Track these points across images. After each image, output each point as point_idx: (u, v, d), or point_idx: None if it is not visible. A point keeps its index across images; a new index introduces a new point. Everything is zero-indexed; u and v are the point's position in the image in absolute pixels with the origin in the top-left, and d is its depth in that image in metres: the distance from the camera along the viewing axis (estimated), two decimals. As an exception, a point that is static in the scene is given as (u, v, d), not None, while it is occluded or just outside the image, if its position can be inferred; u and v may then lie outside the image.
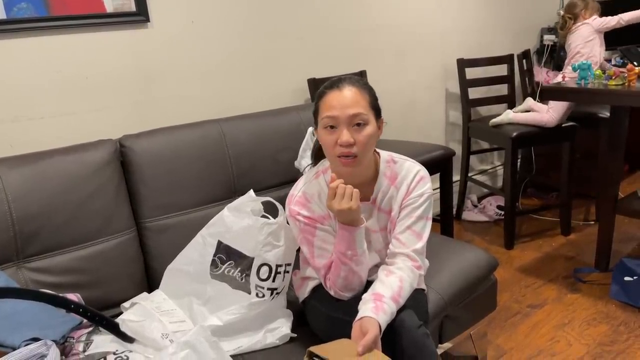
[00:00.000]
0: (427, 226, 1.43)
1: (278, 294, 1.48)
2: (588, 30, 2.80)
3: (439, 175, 2.46)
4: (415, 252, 1.39)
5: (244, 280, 1.45)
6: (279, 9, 2.36)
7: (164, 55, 2.05)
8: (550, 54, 3.58)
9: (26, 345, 1.21)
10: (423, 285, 1.52)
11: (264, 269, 1.45)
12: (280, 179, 1.94)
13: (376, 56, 2.79)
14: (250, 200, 1.55)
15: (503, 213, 3.06)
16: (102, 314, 1.42)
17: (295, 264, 1.54)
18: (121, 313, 1.52)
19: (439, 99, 3.22)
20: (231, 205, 1.53)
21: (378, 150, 1.47)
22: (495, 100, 3.23)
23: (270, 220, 1.48)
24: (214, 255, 1.49)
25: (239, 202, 1.54)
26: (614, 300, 2.32)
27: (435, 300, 1.57)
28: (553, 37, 3.53)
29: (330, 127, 1.32)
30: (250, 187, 1.65)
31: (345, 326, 1.26)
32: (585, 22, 2.80)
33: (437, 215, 2.37)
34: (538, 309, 2.32)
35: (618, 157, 2.42)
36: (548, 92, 2.49)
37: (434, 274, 1.62)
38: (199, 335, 1.25)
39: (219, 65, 2.21)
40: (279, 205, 1.54)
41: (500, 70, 3.19)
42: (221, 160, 1.82)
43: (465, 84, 3.09)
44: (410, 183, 1.43)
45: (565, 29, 2.88)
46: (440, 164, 2.41)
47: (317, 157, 1.53)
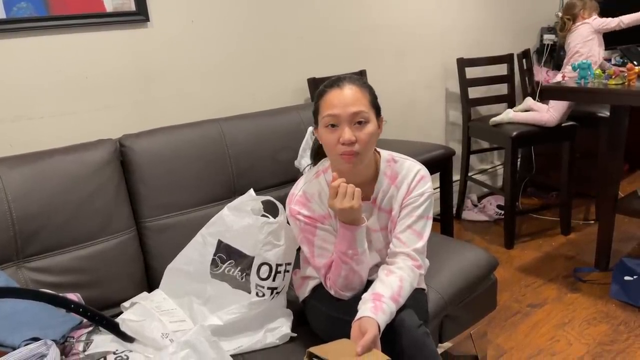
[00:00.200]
0: (428, 225, 1.43)
1: (278, 293, 1.48)
2: (587, 30, 2.79)
3: (439, 174, 2.47)
4: (416, 252, 1.39)
5: (244, 279, 1.45)
6: (278, 9, 2.36)
7: (163, 54, 2.04)
8: (550, 53, 3.58)
9: (26, 345, 1.21)
10: (423, 285, 1.52)
11: (264, 268, 1.44)
12: (280, 178, 1.94)
13: (376, 56, 2.79)
14: (250, 199, 1.54)
15: (503, 212, 3.06)
16: (102, 314, 1.41)
17: (296, 264, 1.54)
18: (121, 313, 1.52)
19: (439, 99, 3.22)
20: (231, 205, 1.53)
21: (378, 149, 1.47)
22: (495, 99, 3.23)
23: (270, 220, 1.48)
24: (214, 255, 1.49)
25: (239, 202, 1.54)
26: (614, 299, 2.32)
27: (435, 299, 1.57)
28: (553, 37, 3.53)
29: (331, 126, 1.32)
30: (250, 187, 1.65)
31: (345, 326, 1.26)
32: (585, 22, 2.80)
33: (437, 215, 2.37)
34: (538, 308, 2.32)
35: (618, 157, 2.42)
36: (548, 92, 2.49)
37: (434, 273, 1.62)
38: (199, 334, 1.25)
39: (218, 65, 2.21)
40: (279, 205, 1.54)
41: (500, 69, 3.19)
42: (221, 160, 1.82)
43: (465, 84, 3.09)
44: (410, 182, 1.43)
45: (565, 30, 2.88)
46: (440, 164, 2.41)
47: (317, 157, 1.53)
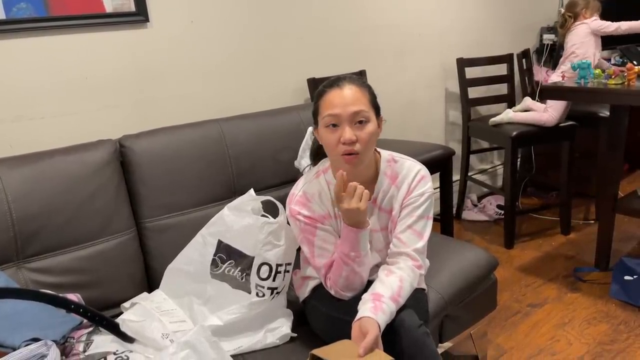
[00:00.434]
0: (428, 225, 1.43)
1: (278, 293, 1.48)
2: (585, 31, 2.79)
3: (438, 174, 2.47)
4: (416, 252, 1.39)
5: (244, 279, 1.45)
6: (278, 9, 2.36)
7: (163, 55, 2.04)
8: (549, 53, 3.58)
9: (26, 345, 1.21)
10: (423, 285, 1.52)
11: (264, 269, 1.44)
12: (280, 178, 1.94)
13: (376, 56, 2.79)
14: (250, 199, 1.54)
15: (503, 212, 3.06)
16: (102, 314, 1.42)
17: (296, 264, 1.54)
18: (121, 313, 1.52)
19: (439, 99, 3.22)
20: (231, 205, 1.53)
21: (379, 149, 1.47)
22: (494, 99, 3.23)
23: (270, 220, 1.48)
24: (214, 255, 1.49)
25: (240, 202, 1.54)
26: (614, 299, 2.32)
27: (436, 299, 1.57)
28: (552, 37, 3.53)
29: (332, 126, 1.32)
30: (250, 187, 1.65)
31: (345, 326, 1.26)
32: (584, 22, 2.80)
33: (437, 215, 2.37)
34: (538, 308, 2.32)
35: (618, 156, 2.42)
36: (548, 92, 2.49)
37: (434, 273, 1.62)
38: (199, 335, 1.26)
39: (218, 65, 2.21)
40: (279, 205, 1.54)
41: (500, 69, 3.19)
42: (221, 160, 1.82)
43: (465, 84, 3.09)
44: (411, 182, 1.43)
45: (565, 27, 2.88)
46: (440, 164, 2.41)
47: (316, 157, 1.53)
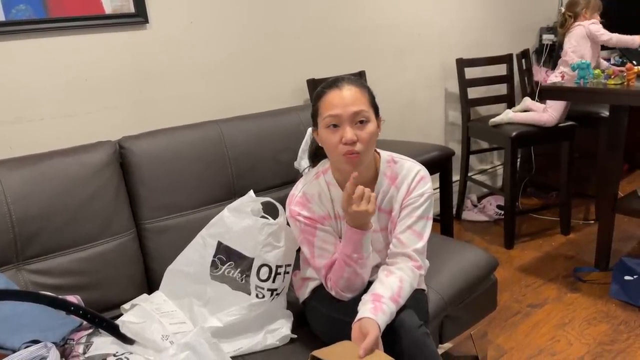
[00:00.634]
0: (428, 226, 1.43)
1: (278, 294, 1.48)
2: (581, 34, 2.80)
3: (438, 175, 2.47)
4: (416, 252, 1.39)
5: (244, 281, 1.45)
6: (277, 10, 2.36)
7: (163, 56, 2.04)
8: (549, 53, 3.58)
9: (26, 347, 1.21)
10: (423, 286, 1.52)
11: (264, 270, 1.44)
12: (279, 179, 1.94)
13: (375, 56, 2.79)
14: (250, 200, 1.54)
15: (503, 213, 3.06)
16: (102, 316, 1.41)
17: (296, 265, 1.54)
18: (121, 315, 1.52)
19: (438, 99, 3.22)
20: (231, 206, 1.53)
21: (378, 150, 1.47)
22: (494, 100, 3.23)
23: (270, 221, 1.48)
24: (214, 256, 1.49)
25: (239, 203, 1.54)
26: (614, 299, 2.32)
27: (436, 300, 1.57)
28: (552, 37, 3.53)
29: (332, 126, 1.32)
30: (249, 188, 1.65)
31: (345, 327, 1.26)
32: (581, 24, 2.79)
33: (437, 215, 2.37)
34: (538, 308, 2.32)
35: (617, 156, 2.42)
36: (547, 92, 2.49)
37: (434, 274, 1.62)
38: (199, 336, 1.25)
39: (218, 66, 2.21)
40: (279, 206, 1.54)
41: (500, 70, 3.19)
42: (221, 161, 1.82)
43: (465, 84, 3.09)
44: (410, 183, 1.43)
45: (565, 27, 2.88)
46: (439, 164, 2.41)
47: (315, 158, 1.53)
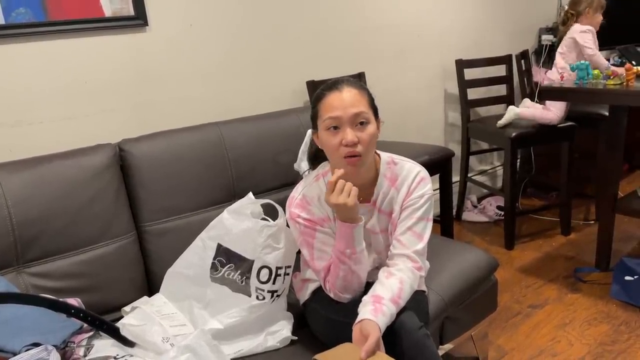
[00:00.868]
0: (428, 227, 1.43)
1: (278, 296, 1.48)
2: (571, 44, 2.82)
3: (438, 176, 2.47)
4: (416, 253, 1.39)
5: (244, 283, 1.45)
6: (277, 11, 2.36)
7: (162, 58, 2.05)
8: (548, 54, 3.58)
9: (27, 350, 1.21)
10: (424, 287, 1.52)
11: (264, 272, 1.44)
12: (279, 181, 1.94)
13: (375, 57, 2.80)
14: (249, 202, 1.54)
15: (503, 213, 3.06)
16: (103, 319, 1.41)
17: (296, 266, 1.54)
18: (122, 317, 1.52)
19: (438, 100, 3.22)
20: (231, 208, 1.53)
21: (378, 151, 1.47)
22: (494, 100, 3.23)
23: (269, 223, 1.48)
24: (214, 259, 1.49)
25: (239, 205, 1.54)
26: (614, 299, 2.32)
27: (436, 301, 1.57)
28: (551, 37, 3.54)
29: (333, 128, 1.32)
30: (249, 190, 1.65)
31: (346, 328, 1.26)
32: (574, 30, 2.80)
33: (437, 216, 2.37)
34: (539, 309, 2.32)
35: (617, 157, 2.42)
36: (547, 92, 2.49)
37: (434, 275, 1.62)
38: (199, 339, 1.26)
39: (217, 68, 2.21)
40: (278, 207, 1.54)
41: (499, 70, 3.19)
42: (220, 163, 1.82)
43: (464, 85, 3.09)
44: (410, 184, 1.43)
45: (567, 25, 2.87)
46: (439, 165, 2.41)
47: (314, 161, 1.54)
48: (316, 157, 1.52)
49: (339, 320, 1.35)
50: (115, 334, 1.41)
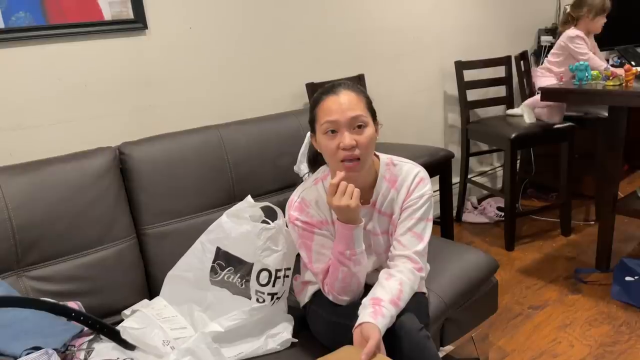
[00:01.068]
0: (428, 228, 1.43)
1: (278, 299, 1.48)
2: (559, 44, 2.84)
3: (438, 177, 2.47)
4: (416, 254, 1.39)
5: (244, 285, 1.45)
6: (276, 14, 2.37)
7: (162, 62, 2.05)
8: (547, 55, 3.58)
9: (27, 354, 1.21)
10: (424, 289, 1.52)
11: (264, 274, 1.44)
12: (279, 184, 1.94)
13: (374, 60, 2.80)
14: (249, 205, 1.55)
15: (503, 214, 3.06)
16: (103, 322, 1.42)
17: (296, 269, 1.54)
18: (122, 320, 1.52)
19: (437, 102, 3.23)
20: (230, 212, 1.53)
21: (377, 153, 1.47)
22: (493, 102, 3.23)
23: (268, 225, 1.48)
24: (213, 262, 1.49)
25: (238, 208, 1.54)
26: (615, 300, 2.32)
27: (436, 303, 1.57)
28: (550, 38, 3.54)
29: (330, 132, 1.32)
30: (249, 193, 1.65)
31: (346, 331, 1.26)
32: (565, 35, 2.81)
33: (437, 218, 2.37)
34: (539, 310, 2.32)
35: (617, 157, 2.42)
36: (547, 94, 2.49)
37: (434, 276, 1.62)
38: (200, 341, 1.26)
39: (217, 71, 2.21)
40: (277, 209, 1.54)
41: (498, 72, 3.19)
42: (220, 166, 1.82)
43: (463, 86, 3.10)
44: (410, 185, 1.43)
45: (567, 25, 2.88)
46: (439, 167, 2.41)
47: (313, 164, 1.54)
48: (315, 160, 1.52)
49: (339, 323, 1.35)
50: (116, 338, 1.41)
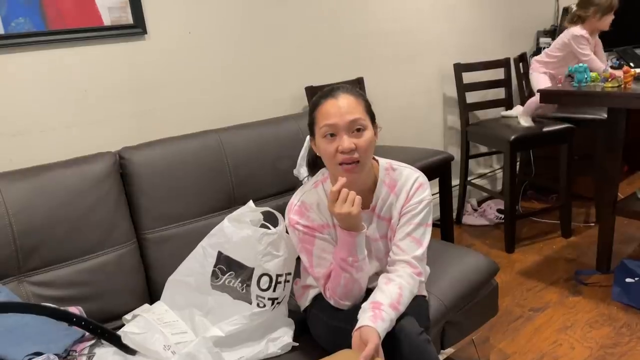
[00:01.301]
0: (427, 233, 1.43)
1: (279, 303, 1.48)
2: (561, 41, 2.83)
3: (438, 180, 2.47)
4: (416, 259, 1.39)
5: (244, 290, 1.46)
6: (274, 18, 2.37)
7: (162, 66, 2.06)
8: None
9: (29, 359, 1.22)
10: (424, 292, 1.52)
11: (265, 279, 1.45)
12: (279, 187, 1.95)
13: (373, 63, 2.81)
14: (250, 210, 1.55)
15: (503, 216, 3.06)
16: (104, 327, 1.42)
17: (296, 273, 1.54)
18: (123, 325, 1.53)
19: (437, 104, 3.23)
20: (231, 216, 1.54)
21: (377, 157, 1.47)
22: (492, 104, 3.24)
23: (269, 230, 1.48)
24: (215, 266, 1.49)
25: (239, 213, 1.54)
26: (615, 302, 2.32)
27: (437, 306, 1.57)
28: (549, 40, 3.54)
29: (329, 136, 1.33)
30: (249, 197, 1.66)
31: (347, 335, 1.26)
32: (569, 32, 2.81)
33: (437, 220, 2.37)
34: (540, 312, 2.32)
35: (616, 158, 2.42)
36: (547, 96, 2.49)
37: (434, 279, 1.62)
38: (201, 346, 1.26)
39: (216, 75, 2.22)
40: (278, 215, 1.54)
41: (497, 74, 3.20)
42: (220, 170, 1.83)
43: (463, 89, 3.10)
44: (409, 190, 1.43)
45: (572, 23, 2.87)
46: (439, 169, 2.41)
47: (313, 168, 1.54)
48: (315, 164, 1.52)
49: (339, 327, 1.35)
50: (117, 342, 1.41)
